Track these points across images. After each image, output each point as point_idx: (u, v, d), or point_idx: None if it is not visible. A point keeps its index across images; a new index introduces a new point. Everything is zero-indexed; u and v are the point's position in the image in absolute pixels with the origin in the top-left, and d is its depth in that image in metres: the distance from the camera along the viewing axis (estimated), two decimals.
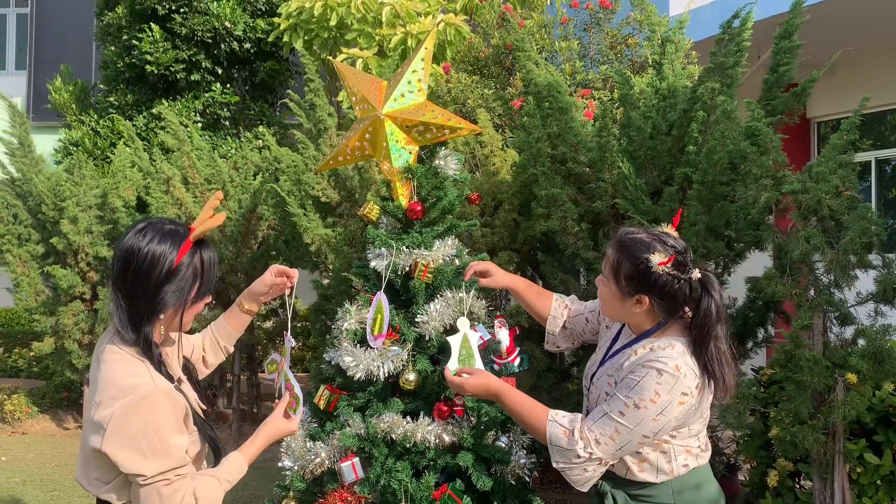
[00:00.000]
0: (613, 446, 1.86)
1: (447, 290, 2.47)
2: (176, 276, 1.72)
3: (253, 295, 2.13)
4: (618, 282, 1.93)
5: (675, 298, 1.88)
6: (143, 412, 1.64)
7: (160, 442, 1.65)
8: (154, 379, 1.70)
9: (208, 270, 1.79)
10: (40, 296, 7.47)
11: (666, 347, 1.87)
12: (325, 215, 6.24)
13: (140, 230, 1.75)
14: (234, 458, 1.83)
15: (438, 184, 2.50)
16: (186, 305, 1.77)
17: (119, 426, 1.63)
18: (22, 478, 5.96)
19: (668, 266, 1.85)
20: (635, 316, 1.94)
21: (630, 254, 1.90)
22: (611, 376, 1.95)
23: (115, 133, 10.03)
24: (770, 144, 3.40)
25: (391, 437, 2.30)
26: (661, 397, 1.81)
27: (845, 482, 3.32)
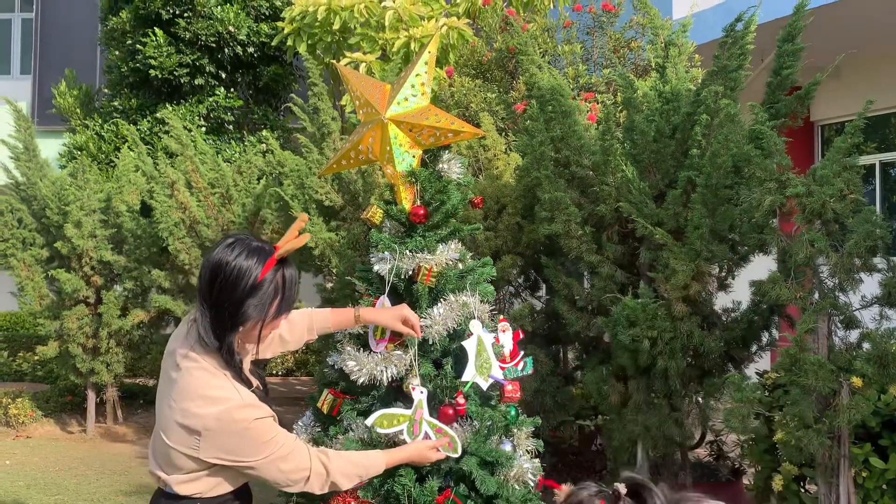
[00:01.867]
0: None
1: (450, 293, 2.47)
2: (259, 291, 1.81)
3: (375, 318, 2.29)
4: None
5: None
6: (236, 423, 1.77)
7: (262, 437, 1.80)
8: (239, 391, 1.82)
9: (289, 287, 1.87)
10: (44, 300, 7.49)
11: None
12: (329, 219, 6.25)
13: (229, 245, 1.85)
14: (375, 453, 2.02)
15: (442, 187, 2.50)
16: (266, 319, 1.85)
17: (215, 436, 1.77)
18: (26, 482, 5.97)
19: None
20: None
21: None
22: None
23: (120, 137, 10.06)
24: (774, 147, 3.39)
25: (394, 442, 2.30)
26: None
27: (850, 486, 3.31)
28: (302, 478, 1.87)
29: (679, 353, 3.98)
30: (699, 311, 4.12)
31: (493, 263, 2.69)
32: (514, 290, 5.54)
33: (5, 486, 5.85)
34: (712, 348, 3.98)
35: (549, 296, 5.41)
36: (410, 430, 2.25)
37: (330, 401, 2.48)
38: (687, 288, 3.96)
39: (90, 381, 7.51)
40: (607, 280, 4.26)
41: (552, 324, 5.11)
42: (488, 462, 2.36)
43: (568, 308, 4.49)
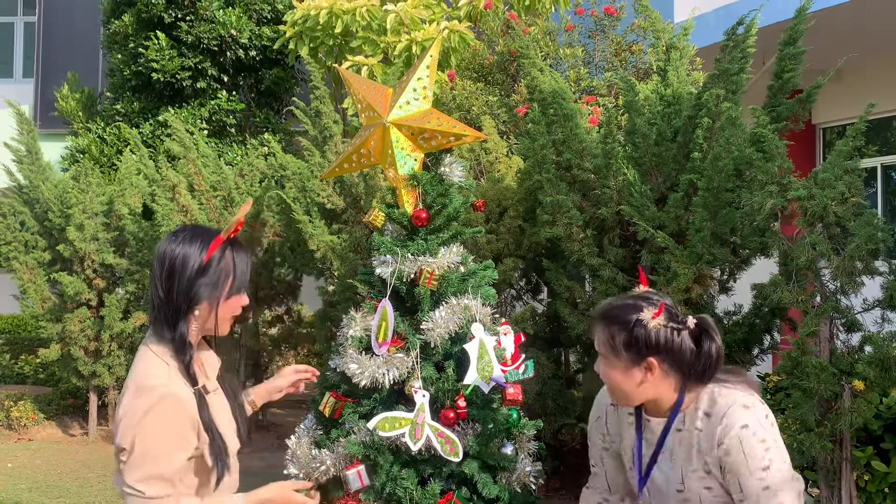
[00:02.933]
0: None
1: (452, 297, 2.47)
2: (208, 271, 1.81)
3: (267, 393, 2.18)
4: (619, 355, 1.81)
5: (681, 355, 1.78)
6: (152, 415, 1.70)
7: (158, 451, 1.70)
8: (169, 382, 1.75)
9: (240, 266, 1.86)
10: (46, 303, 7.50)
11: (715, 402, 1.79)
12: (331, 222, 6.26)
13: (173, 233, 1.88)
14: (233, 499, 1.82)
15: (443, 191, 2.51)
16: (220, 300, 1.84)
17: (130, 424, 1.70)
18: (28, 484, 5.97)
19: (661, 318, 1.77)
20: (649, 388, 1.81)
21: (620, 321, 1.81)
22: (695, 470, 1.80)
23: (122, 140, 10.08)
24: (775, 151, 3.39)
25: (396, 445, 2.30)
26: (767, 440, 1.73)
27: (853, 490, 3.30)
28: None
29: None
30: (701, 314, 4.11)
31: (494, 266, 2.70)
32: (515, 292, 5.54)
33: (7, 488, 5.85)
34: None
35: (550, 299, 5.41)
36: (412, 433, 2.25)
37: (332, 404, 2.49)
38: (688, 291, 3.96)
39: (92, 383, 7.52)
40: (609, 283, 4.26)
41: (554, 327, 5.11)
42: (490, 465, 2.36)
43: (570, 311, 4.49)
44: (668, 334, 1.78)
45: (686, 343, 1.79)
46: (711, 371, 1.78)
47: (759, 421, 1.73)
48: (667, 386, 1.81)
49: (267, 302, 7.98)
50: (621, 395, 1.86)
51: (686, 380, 1.80)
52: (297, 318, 8.50)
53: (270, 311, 8.23)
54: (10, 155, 7.80)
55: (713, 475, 1.78)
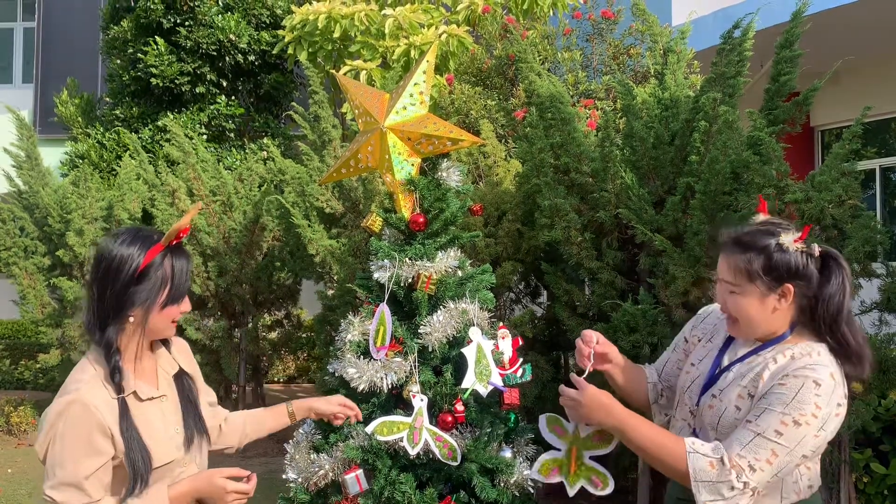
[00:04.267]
0: (770, 471, 1.67)
1: (450, 301, 2.48)
2: (144, 278, 1.76)
3: (310, 411, 2.16)
4: (756, 281, 1.74)
5: (811, 281, 1.73)
6: (61, 419, 1.70)
7: (63, 455, 1.68)
8: (83, 388, 1.73)
9: (178, 276, 1.80)
10: (46, 308, 7.51)
11: (811, 353, 1.72)
12: (330, 226, 6.27)
13: (114, 234, 1.82)
14: (156, 490, 1.78)
15: (441, 195, 2.52)
16: (153, 308, 1.78)
17: (44, 430, 1.71)
18: (28, 489, 5.97)
19: (802, 242, 1.72)
20: (780, 316, 1.77)
21: (758, 246, 1.75)
22: (742, 387, 1.75)
23: (121, 146, 10.09)
24: (772, 154, 3.40)
25: (395, 449, 2.30)
26: (821, 410, 1.64)
27: (852, 492, 3.31)
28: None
29: None
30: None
31: (492, 270, 2.70)
32: (514, 296, 5.54)
33: (7, 494, 5.85)
34: None
35: (549, 302, 5.41)
36: (410, 438, 2.26)
37: None
38: (687, 294, 3.97)
39: None
40: (607, 286, 4.27)
41: (553, 330, 5.12)
42: (488, 469, 2.36)
43: (568, 314, 4.50)
44: (805, 260, 1.73)
45: (814, 273, 1.74)
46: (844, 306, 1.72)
47: (830, 394, 1.66)
48: (785, 319, 1.77)
49: (266, 306, 7.99)
50: (749, 326, 1.79)
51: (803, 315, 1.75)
52: (296, 323, 8.51)
53: (270, 316, 8.23)
54: (10, 160, 7.82)
55: (749, 400, 1.74)
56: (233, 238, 7.25)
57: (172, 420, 1.88)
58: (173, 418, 1.88)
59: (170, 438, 1.84)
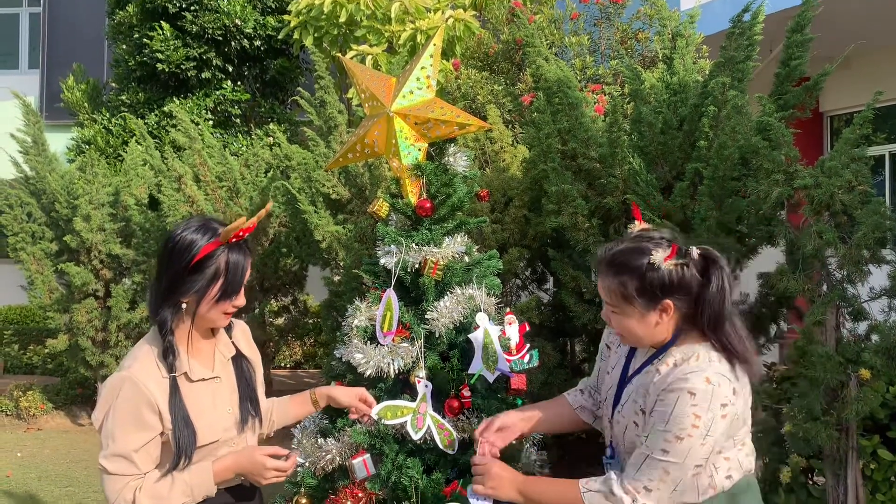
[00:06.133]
0: (666, 488, 1.68)
1: (457, 286, 2.47)
2: (198, 270, 1.82)
3: (330, 398, 2.23)
4: (632, 302, 1.75)
5: (690, 290, 1.72)
6: (114, 394, 1.79)
7: (115, 428, 1.78)
8: (135, 364, 1.82)
9: (233, 272, 1.85)
10: (54, 293, 7.54)
11: (689, 358, 1.72)
12: (336, 212, 6.26)
13: (187, 219, 1.91)
14: (201, 465, 1.86)
15: (448, 181, 2.50)
16: (205, 299, 1.84)
17: (99, 403, 1.81)
18: (37, 473, 6.02)
19: (673, 258, 1.70)
20: (661, 330, 1.78)
21: (630, 268, 1.74)
22: (636, 402, 1.78)
23: (127, 131, 10.09)
24: (782, 139, 3.37)
25: (401, 434, 2.31)
26: (701, 419, 1.64)
27: (859, 478, 3.30)
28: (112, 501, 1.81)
29: None
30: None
31: (499, 256, 2.69)
32: (521, 282, 5.54)
33: (17, 477, 5.90)
34: None
35: (556, 288, 5.41)
36: (414, 422, 2.26)
37: None
38: None
39: (100, 373, 7.56)
40: None
41: (559, 316, 5.11)
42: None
43: (575, 300, 4.49)
44: (680, 272, 1.72)
45: (694, 276, 1.73)
46: (724, 308, 1.70)
47: (708, 399, 1.64)
48: (672, 325, 1.77)
49: (273, 292, 8.01)
50: (635, 340, 1.82)
51: (686, 322, 1.74)
52: (303, 308, 8.53)
53: (276, 301, 8.25)
54: (17, 146, 7.82)
55: (643, 416, 1.76)
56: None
57: (226, 401, 1.95)
58: (227, 399, 1.95)
59: (218, 419, 1.91)
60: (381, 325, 2.43)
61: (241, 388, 1.99)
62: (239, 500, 1.98)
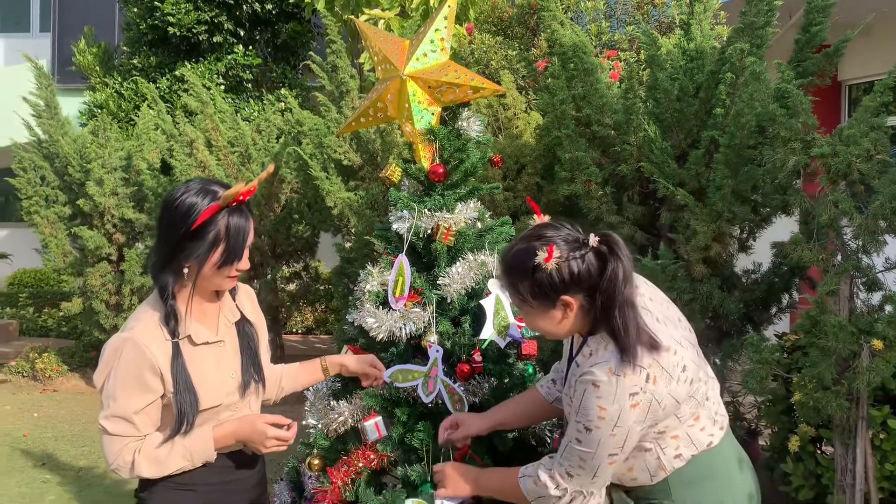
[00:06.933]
0: (586, 475, 1.70)
1: (469, 252, 2.47)
2: (199, 235, 1.79)
3: (341, 367, 2.27)
4: (531, 304, 1.75)
5: (589, 280, 1.69)
6: (116, 356, 1.78)
7: (116, 390, 1.78)
8: (137, 326, 1.81)
9: (234, 237, 1.81)
10: (68, 257, 7.60)
11: (597, 349, 1.71)
12: (347, 179, 6.25)
13: (187, 182, 1.85)
14: (201, 430, 1.85)
15: (461, 146, 2.48)
16: (206, 264, 1.82)
17: (101, 361, 1.82)
18: (53, 433, 6.12)
19: (555, 257, 1.67)
20: (571, 324, 1.76)
21: (518, 271, 1.73)
22: (566, 393, 1.79)
23: (139, 95, 10.07)
24: (800, 107, 3.32)
25: (413, 398, 2.32)
26: (607, 410, 1.63)
27: (868, 448, 3.31)
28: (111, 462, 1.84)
29: (698, 315, 3.97)
30: (719, 273, 4.10)
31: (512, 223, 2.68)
32: None
33: (34, 437, 6.01)
34: (731, 310, 3.96)
35: None
36: (425, 385, 2.28)
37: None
38: (707, 249, 3.94)
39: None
40: (627, 241, 4.23)
41: None
42: None
43: None
44: (571, 267, 1.68)
45: (592, 265, 1.69)
46: (616, 295, 1.66)
47: (613, 391, 1.63)
48: (582, 317, 1.75)
49: (285, 258, 8.04)
50: (548, 335, 1.83)
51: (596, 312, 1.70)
52: (314, 275, 8.56)
53: (288, 268, 8.29)
54: (29, 109, 7.83)
55: (570, 405, 1.77)
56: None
57: (229, 365, 1.93)
58: (230, 363, 1.93)
59: (221, 383, 1.90)
60: (393, 290, 2.44)
61: (245, 353, 1.98)
62: (240, 466, 1.98)
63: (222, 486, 1.93)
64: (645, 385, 1.64)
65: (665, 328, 1.75)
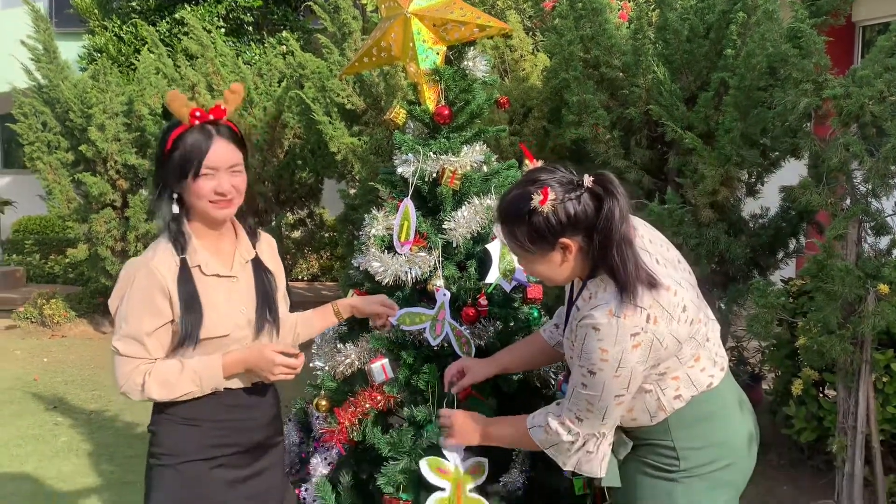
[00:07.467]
0: (596, 418, 1.71)
1: (475, 196, 2.44)
2: (171, 154, 1.87)
3: (353, 308, 2.29)
4: (530, 250, 1.74)
5: (586, 221, 1.68)
6: (128, 280, 1.87)
7: (128, 312, 1.85)
8: (149, 253, 1.90)
9: (190, 150, 1.86)
10: (72, 203, 7.59)
11: (595, 293, 1.71)
12: (351, 124, 6.18)
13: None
14: (211, 357, 1.90)
15: (467, 86, 2.43)
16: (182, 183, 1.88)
17: (114, 290, 1.90)
18: (63, 378, 6.21)
19: (550, 199, 1.66)
20: (572, 267, 1.75)
21: (514, 217, 1.73)
22: (567, 338, 1.79)
23: (139, 39, 9.91)
24: (813, 47, 3.25)
25: (419, 340, 2.33)
26: (609, 353, 1.63)
27: (870, 391, 3.33)
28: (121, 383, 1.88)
29: (704, 260, 3.96)
30: (726, 218, 4.07)
31: (518, 167, 2.65)
32: None
33: (44, 381, 6.10)
34: (738, 255, 3.95)
35: None
36: (433, 328, 2.28)
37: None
38: (715, 193, 3.91)
39: None
40: (634, 186, 4.21)
41: None
42: None
43: None
44: (567, 209, 1.68)
45: (588, 206, 1.68)
46: (613, 234, 1.65)
47: (613, 333, 1.63)
48: (582, 259, 1.74)
49: (289, 205, 8.02)
50: (549, 281, 1.83)
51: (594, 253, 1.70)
52: (319, 222, 8.56)
53: (293, 215, 8.28)
54: (28, 54, 7.72)
55: (571, 349, 1.77)
56: (253, 135, 7.19)
57: (241, 300, 1.98)
58: (242, 300, 1.98)
59: (229, 314, 1.94)
60: (398, 234, 2.42)
61: (259, 293, 2.01)
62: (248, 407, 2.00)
63: (228, 425, 1.96)
64: (646, 325, 1.64)
65: (665, 269, 1.75)
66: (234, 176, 1.92)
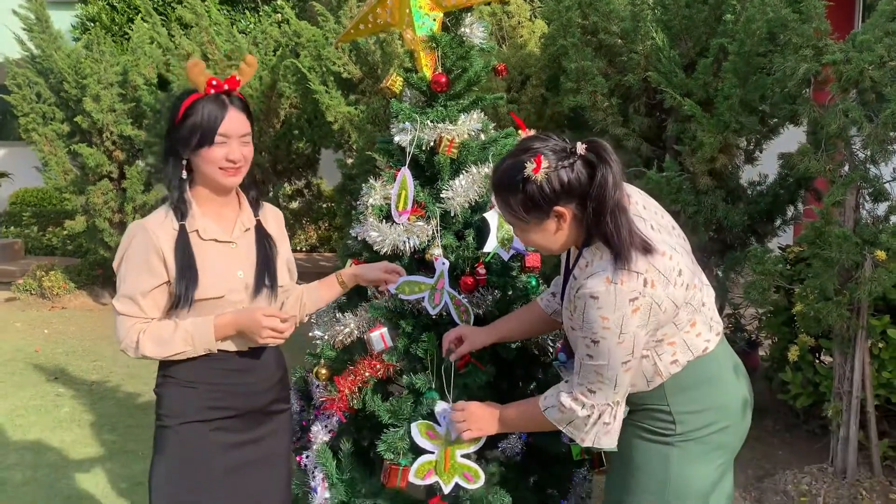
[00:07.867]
0: (608, 387, 1.71)
1: (472, 165, 2.44)
2: (184, 121, 1.92)
3: (358, 277, 2.29)
4: (524, 219, 1.74)
5: (579, 188, 1.68)
6: (128, 242, 1.94)
7: (127, 272, 1.93)
8: (150, 216, 1.96)
9: (208, 119, 1.91)
10: (69, 175, 7.55)
11: (590, 261, 1.71)
12: (347, 93, 6.14)
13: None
14: (203, 318, 1.94)
15: (464, 53, 2.41)
16: (196, 153, 1.93)
17: (117, 252, 1.97)
18: (64, 349, 6.24)
19: (543, 167, 1.66)
20: (567, 235, 1.76)
21: (508, 186, 1.73)
22: (566, 308, 1.79)
23: (132, 8, 9.79)
24: (813, 11, 3.22)
25: (418, 309, 2.34)
26: (609, 320, 1.63)
27: (866, 357, 3.36)
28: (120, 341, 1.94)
29: (702, 227, 3.96)
30: (724, 185, 4.07)
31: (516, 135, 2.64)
32: None
33: (45, 352, 6.13)
34: (735, 222, 3.96)
35: None
36: (431, 298, 2.29)
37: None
38: (713, 161, 3.90)
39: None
40: (632, 153, 4.20)
41: None
42: None
43: None
44: (560, 177, 1.68)
45: (582, 173, 1.68)
46: (607, 201, 1.65)
47: (612, 300, 1.63)
48: (577, 227, 1.75)
49: (286, 175, 7.99)
50: (544, 250, 1.82)
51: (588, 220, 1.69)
52: (316, 192, 8.54)
53: (290, 185, 8.25)
54: (20, 23, 7.62)
55: (570, 319, 1.78)
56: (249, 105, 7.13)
57: (239, 264, 2.01)
58: (240, 264, 2.02)
59: (225, 277, 1.98)
60: (396, 203, 2.42)
61: (259, 259, 2.04)
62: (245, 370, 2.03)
63: (224, 388, 1.99)
64: (643, 289, 1.64)
65: (659, 235, 1.75)
66: (244, 145, 2.00)
